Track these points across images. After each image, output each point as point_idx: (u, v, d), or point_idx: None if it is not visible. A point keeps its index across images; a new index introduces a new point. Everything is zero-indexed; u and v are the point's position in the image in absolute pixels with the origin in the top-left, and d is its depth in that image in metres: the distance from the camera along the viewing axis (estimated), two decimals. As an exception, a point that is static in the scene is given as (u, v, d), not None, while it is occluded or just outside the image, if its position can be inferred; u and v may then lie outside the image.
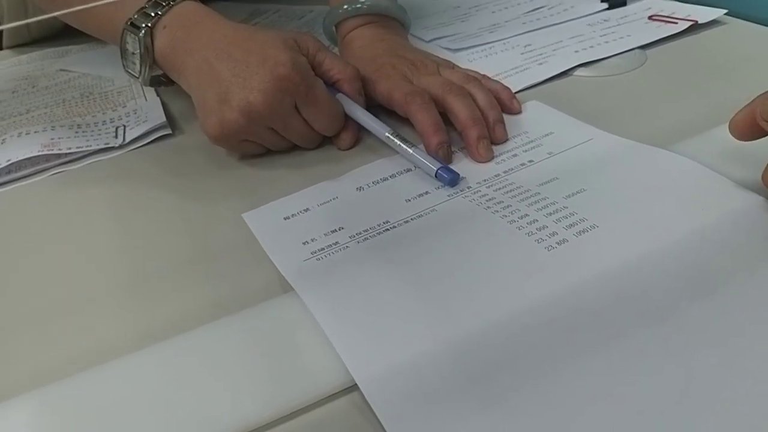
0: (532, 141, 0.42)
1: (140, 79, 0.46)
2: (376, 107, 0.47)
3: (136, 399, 0.28)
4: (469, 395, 0.26)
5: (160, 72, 0.46)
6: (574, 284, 0.30)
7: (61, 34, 0.75)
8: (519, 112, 0.45)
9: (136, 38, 0.44)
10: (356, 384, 0.27)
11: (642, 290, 0.29)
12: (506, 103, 0.45)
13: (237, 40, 0.41)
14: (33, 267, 0.38)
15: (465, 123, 0.41)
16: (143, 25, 0.44)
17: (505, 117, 0.44)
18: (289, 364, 0.29)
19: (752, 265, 0.30)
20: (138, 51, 0.44)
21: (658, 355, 0.26)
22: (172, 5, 0.44)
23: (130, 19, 0.44)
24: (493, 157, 0.41)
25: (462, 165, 0.40)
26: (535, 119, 0.44)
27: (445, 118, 0.43)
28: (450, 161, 0.41)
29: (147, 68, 0.45)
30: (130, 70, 0.46)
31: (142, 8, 0.44)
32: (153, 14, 0.44)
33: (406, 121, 0.44)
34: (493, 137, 0.42)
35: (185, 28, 0.43)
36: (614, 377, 0.26)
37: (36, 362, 0.32)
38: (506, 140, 0.42)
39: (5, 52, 0.74)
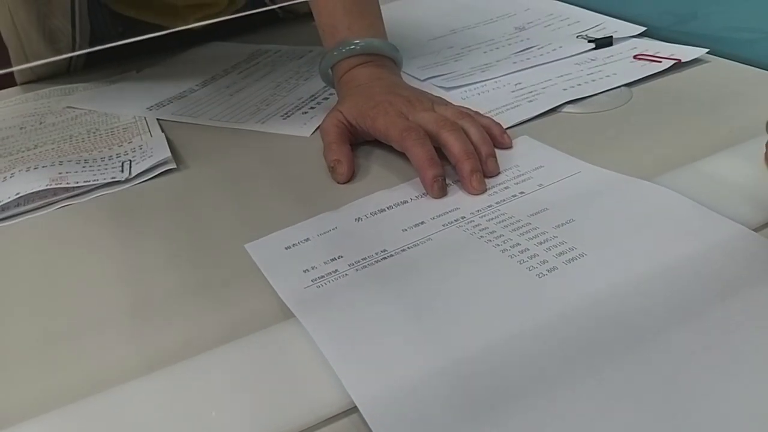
0: (522, 174, 0.43)
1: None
2: (373, 142, 0.49)
3: (140, 424, 0.29)
4: (465, 417, 0.27)
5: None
6: (565, 310, 0.31)
7: (66, 72, 0.77)
8: (510, 146, 0.47)
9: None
10: (356, 406, 0.28)
11: (629, 316, 0.30)
12: (497, 137, 0.47)
13: None
14: (41, 296, 0.39)
15: (459, 157, 0.43)
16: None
17: (497, 151, 0.45)
18: (290, 387, 0.30)
19: (735, 293, 0.31)
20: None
21: (646, 380, 0.27)
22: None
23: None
24: (486, 190, 0.42)
25: (456, 197, 0.42)
26: (525, 153, 0.46)
27: (440, 152, 0.44)
28: (445, 194, 0.42)
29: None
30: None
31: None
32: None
33: (402, 155, 0.45)
34: (485, 170, 0.43)
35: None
36: (604, 402, 0.26)
37: (43, 388, 0.32)
38: (498, 173, 0.44)
39: (15, 89, 0.76)
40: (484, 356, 0.29)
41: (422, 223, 0.40)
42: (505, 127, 0.49)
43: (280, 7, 0.78)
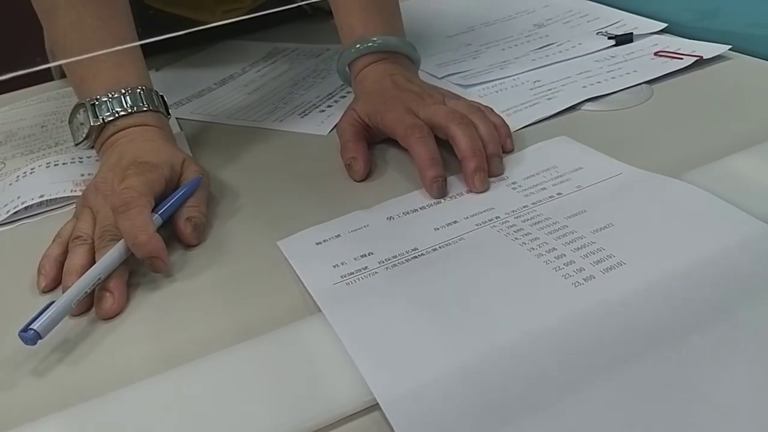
0: (561, 175, 0.42)
1: (74, 144, 0.50)
2: (390, 140, 0.49)
3: (166, 418, 0.29)
4: (488, 419, 0.26)
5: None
6: (599, 323, 0.30)
7: None
8: (511, 150, 0.47)
9: (89, 122, 0.47)
10: (378, 403, 0.28)
11: (669, 328, 0.29)
12: (501, 138, 0.46)
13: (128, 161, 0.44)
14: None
15: (465, 153, 0.43)
16: (102, 116, 0.47)
17: (534, 151, 0.45)
18: (312, 383, 0.30)
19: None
20: (86, 126, 0.48)
21: (676, 394, 0.27)
22: (134, 112, 0.48)
23: (95, 100, 0.47)
24: (488, 189, 0.42)
25: (491, 196, 0.41)
26: (564, 154, 0.45)
27: (449, 145, 0.44)
28: (445, 194, 0.42)
29: (85, 144, 0.49)
30: (72, 129, 0.50)
31: (110, 95, 0.47)
32: (113, 110, 0.47)
33: (408, 152, 0.45)
34: (489, 170, 0.43)
35: (124, 138, 0.47)
36: (631, 409, 0.26)
37: (65, 383, 0.33)
38: (502, 173, 0.43)
39: (53, 83, 0.76)
40: (509, 360, 0.29)
41: (455, 222, 0.39)
42: (523, 125, 0.49)
43: (307, 4, 0.78)
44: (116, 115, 0.47)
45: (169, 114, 0.51)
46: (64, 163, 0.52)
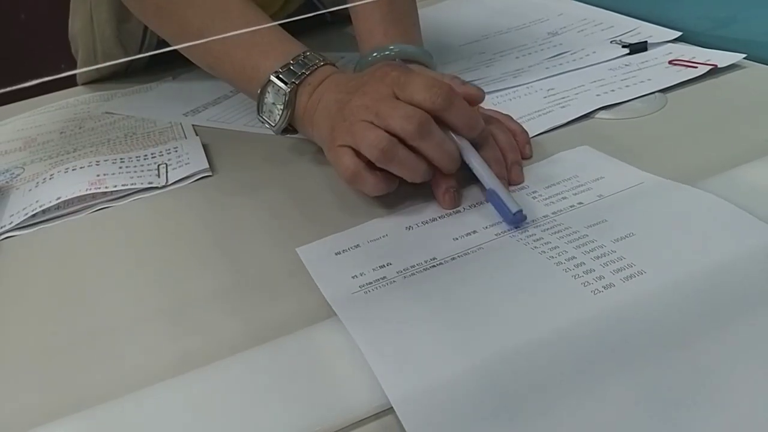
0: (582, 185, 0.42)
1: (274, 128, 0.49)
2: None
3: (180, 421, 0.29)
4: (502, 422, 0.27)
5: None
6: (617, 327, 0.30)
7: (124, 74, 0.79)
8: (530, 157, 0.47)
9: (281, 92, 0.47)
10: (392, 407, 0.28)
11: (686, 335, 0.29)
12: (520, 146, 0.46)
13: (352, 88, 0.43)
14: (80, 296, 0.40)
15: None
16: (291, 81, 0.47)
17: (555, 161, 0.45)
18: (327, 386, 0.30)
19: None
20: (280, 103, 0.47)
21: (691, 395, 0.27)
22: (318, 66, 0.47)
23: (278, 72, 0.47)
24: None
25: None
26: (586, 164, 0.44)
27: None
28: (457, 205, 0.42)
29: (285, 120, 0.48)
30: (265, 118, 0.49)
31: (288, 64, 0.47)
32: (299, 72, 0.47)
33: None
34: (510, 178, 0.43)
35: (324, 86, 0.46)
36: (643, 412, 0.26)
37: (82, 386, 0.33)
38: (523, 181, 0.43)
39: (74, 89, 0.77)
40: (524, 365, 0.29)
41: (474, 232, 0.39)
42: (537, 132, 0.48)
43: (330, 12, 0.79)
44: (303, 76, 0.47)
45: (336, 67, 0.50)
46: (81, 168, 0.53)
